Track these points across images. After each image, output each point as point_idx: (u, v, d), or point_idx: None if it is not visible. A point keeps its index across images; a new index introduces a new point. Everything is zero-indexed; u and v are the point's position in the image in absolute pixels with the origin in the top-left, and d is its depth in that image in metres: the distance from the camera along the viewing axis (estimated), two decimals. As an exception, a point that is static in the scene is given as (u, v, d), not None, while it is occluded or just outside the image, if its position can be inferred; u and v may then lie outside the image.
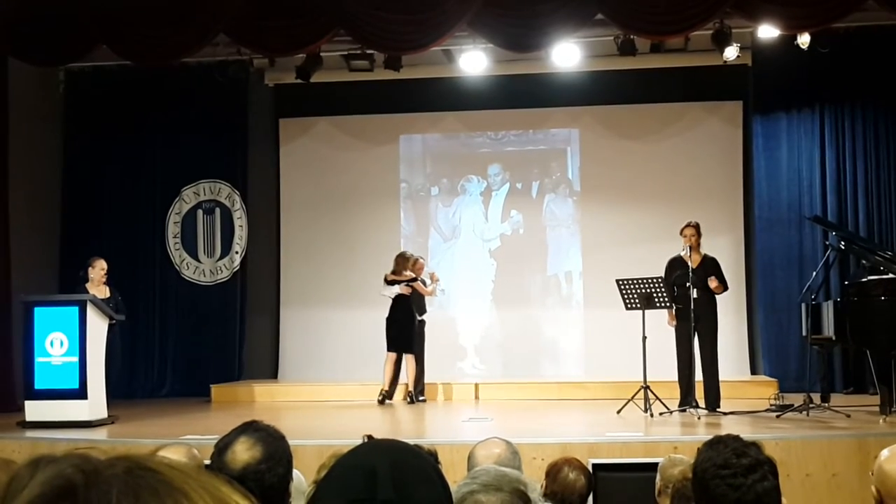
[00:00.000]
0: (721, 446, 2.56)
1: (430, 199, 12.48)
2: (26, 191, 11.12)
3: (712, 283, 8.72)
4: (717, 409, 8.58)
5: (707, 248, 9.04)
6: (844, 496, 6.52)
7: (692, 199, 11.36)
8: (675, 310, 8.81)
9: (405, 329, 10.40)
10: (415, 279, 10.51)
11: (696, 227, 8.91)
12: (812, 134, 11.26)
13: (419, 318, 10.57)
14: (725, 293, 9.01)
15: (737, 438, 2.61)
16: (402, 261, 10.60)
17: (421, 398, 10.47)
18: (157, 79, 11.51)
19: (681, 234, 8.93)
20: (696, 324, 8.62)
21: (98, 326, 8.48)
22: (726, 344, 10.42)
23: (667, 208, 11.24)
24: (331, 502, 1.46)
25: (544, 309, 12.11)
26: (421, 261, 10.81)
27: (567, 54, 10.25)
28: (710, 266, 8.86)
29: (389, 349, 10.48)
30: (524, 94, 11.94)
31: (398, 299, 10.47)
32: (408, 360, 10.43)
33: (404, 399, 10.50)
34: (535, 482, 3.47)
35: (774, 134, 11.40)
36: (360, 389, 11.01)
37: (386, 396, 10.36)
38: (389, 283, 10.52)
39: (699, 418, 8.33)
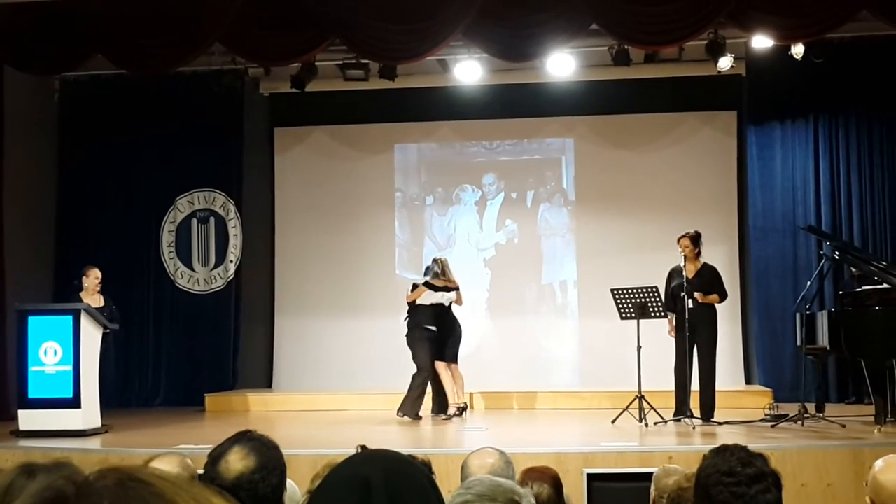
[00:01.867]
0: (727, 454, 2.55)
1: (425, 209, 12.48)
2: (21, 199, 11.09)
3: (699, 297, 8.69)
4: (712, 420, 8.57)
5: (702, 257, 9.03)
6: (839, 506, 6.52)
7: (687, 208, 11.36)
8: (673, 320, 8.81)
9: (456, 338, 9.94)
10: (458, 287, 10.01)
11: (692, 237, 8.89)
12: (806, 144, 11.29)
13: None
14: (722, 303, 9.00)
15: (743, 448, 2.59)
16: (444, 265, 10.00)
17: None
18: (152, 88, 11.50)
19: (677, 243, 8.92)
20: (693, 334, 8.62)
21: (92, 335, 8.46)
22: (721, 353, 10.40)
23: (661, 218, 11.25)
24: None
25: (539, 318, 12.10)
26: None
27: (562, 64, 10.27)
28: (707, 276, 8.85)
29: (442, 360, 9.76)
30: (519, 103, 11.95)
31: (448, 307, 9.94)
32: (455, 370, 9.86)
33: (454, 414, 9.61)
34: (528, 492, 3.47)
35: (768, 144, 11.42)
36: (354, 399, 11.00)
37: (462, 408, 9.72)
38: (439, 289, 9.85)
39: (694, 428, 8.32)
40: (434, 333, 9.77)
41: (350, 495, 1.41)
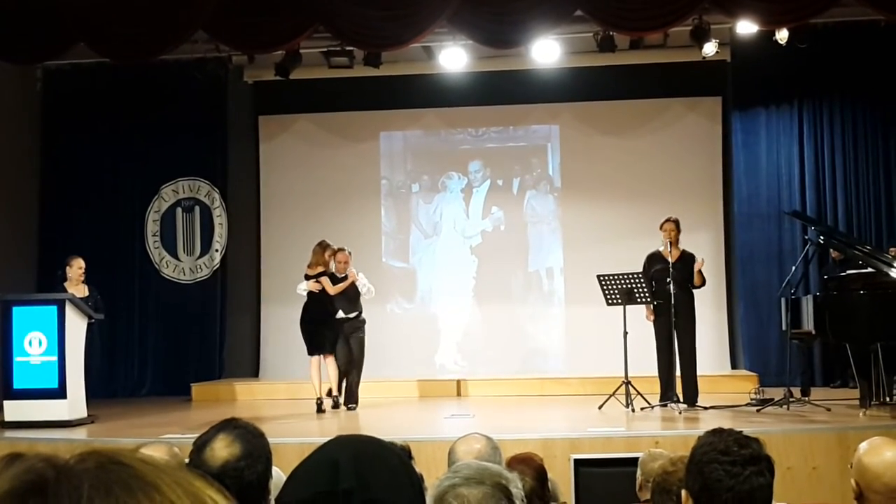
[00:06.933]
0: (724, 435, 2.54)
1: (411, 196, 12.46)
2: (3, 189, 11.04)
3: (698, 265, 8.72)
4: (698, 404, 8.61)
5: (687, 243, 9.07)
6: (825, 489, 6.56)
7: (672, 194, 11.39)
8: (654, 305, 8.82)
9: (322, 328, 9.62)
10: (324, 274, 9.62)
11: (676, 222, 8.92)
12: (791, 129, 11.32)
13: (348, 315, 9.63)
14: (705, 287, 9.04)
15: (739, 432, 2.59)
16: (319, 251, 9.78)
17: (352, 405, 9.61)
18: (135, 76, 11.44)
19: (661, 228, 8.94)
20: (675, 319, 8.64)
21: (77, 325, 8.43)
22: (706, 339, 10.46)
23: (647, 204, 11.26)
24: (296, 496, 1.48)
25: (526, 305, 12.12)
26: (342, 253, 9.83)
27: (547, 51, 10.26)
28: (688, 262, 8.88)
29: (316, 353, 9.65)
30: (504, 90, 11.94)
31: (310, 296, 9.64)
32: (331, 363, 9.67)
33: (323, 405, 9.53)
34: (516, 476, 3.47)
35: (753, 129, 11.44)
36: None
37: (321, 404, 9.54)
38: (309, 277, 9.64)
39: (680, 413, 8.36)
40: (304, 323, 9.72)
41: (320, 478, 1.47)
